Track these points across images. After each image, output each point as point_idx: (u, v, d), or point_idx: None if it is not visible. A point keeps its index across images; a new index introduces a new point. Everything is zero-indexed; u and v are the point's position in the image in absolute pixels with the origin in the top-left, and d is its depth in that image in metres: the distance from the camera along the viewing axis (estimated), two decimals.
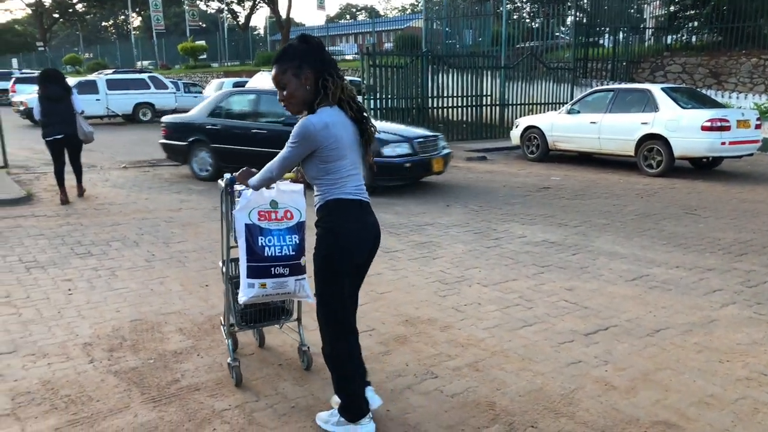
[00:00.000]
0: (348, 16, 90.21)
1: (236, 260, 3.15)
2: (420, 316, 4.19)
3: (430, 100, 15.26)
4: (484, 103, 16.10)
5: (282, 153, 2.57)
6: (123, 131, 18.48)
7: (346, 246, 2.56)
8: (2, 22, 68.72)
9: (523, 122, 12.62)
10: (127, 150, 14.08)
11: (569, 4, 21.22)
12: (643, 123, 10.26)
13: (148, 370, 3.37)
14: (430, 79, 15.22)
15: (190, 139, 9.75)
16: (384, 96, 14.29)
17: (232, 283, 3.27)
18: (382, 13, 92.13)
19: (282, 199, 3.03)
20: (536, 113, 16.80)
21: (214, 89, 21.39)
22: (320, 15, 49.02)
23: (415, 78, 14.92)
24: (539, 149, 12.07)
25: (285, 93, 2.53)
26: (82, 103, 8.50)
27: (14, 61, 51.58)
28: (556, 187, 9.34)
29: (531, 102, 16.94)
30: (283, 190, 3.05)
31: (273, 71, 2.56)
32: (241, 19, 46.65)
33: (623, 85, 12.03)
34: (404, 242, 6.12)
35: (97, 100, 20.62)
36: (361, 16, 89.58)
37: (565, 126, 11.56)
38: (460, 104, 15.71)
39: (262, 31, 60.84)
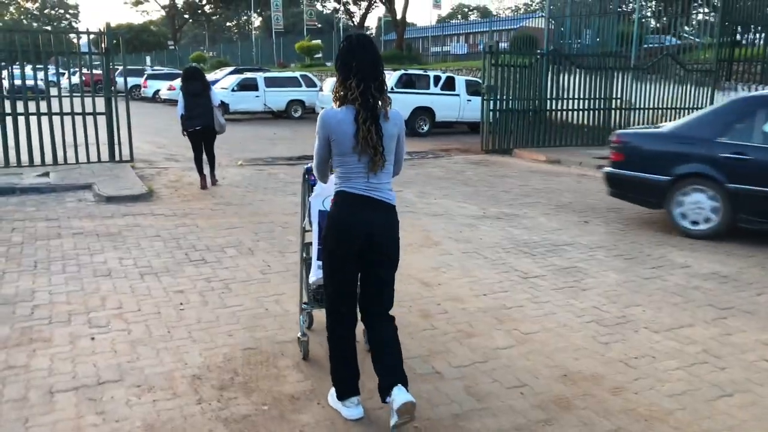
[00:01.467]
0: (460, 16, 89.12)
1: (310, 243, 3.43)
2: (581, 370, 3.43)
3: (552, 102, 14.21)
4: (612, 106, 14.80)
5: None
6: (237, 126, 18.78)
7: (335, 232, 2.77)
8: (139, 22, 73.46)
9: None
10: (243, 146, 14.12)
11: (700, 1, 19.24)
12: None
13: (262, 421, 2.87)
14: (551, 80, 14.17)
15: (680, 172, 6.45)
16: (504, 97, 13.43)
17: (306, 263, 3.52)
18: (494, 12, 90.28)
19: None
20: (670, 119, 15.28)
21: (329, 88, 21.35)
22: (434, 14, 48.41)
23: (537, 79, 13.94)
24: None
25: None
26: (244, 99, 9.20)
27: (147, 59, 54.91)
28: None
29: (664, 107, 15.40)
30: None
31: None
32: (357, 19, 46.90)
33: None
34: (543, 266, 5.35)
35: (256, 96, 21.42)
36: (473, 16, 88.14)
37: None
38: (584, 107, 14.52)
39: (374, 31, 61.11)
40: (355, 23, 45.88)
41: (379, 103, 2.66)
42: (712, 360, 3.58)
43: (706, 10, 17.94)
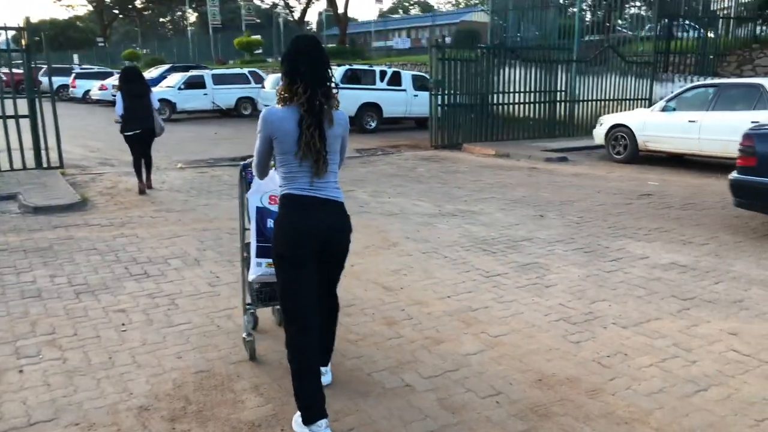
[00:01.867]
0: (401, 11, 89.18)
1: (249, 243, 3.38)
2: (555, 372, 3.28)
3: (498, 96, 14.22)
4: (557, 99, 14.95)
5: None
6: (176, 126, 18.08)
7: (284, 238, 2.66)
8: (64, 18, 70.33)
9: (608, 120, 11.49)
10: (182, 148, 13.56)
11: None
12: (753, 122, 9.01)
13: None
14: (496, 73, 14.17)
15: None
16: (452, 91, 13.34)
17: (246, 262, 3.46)
18: (435, 7, 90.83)
19: None
20: (611, 111, 15.56)
21: (271, 85, 20.85)
22: (375, 8, 48.25)
23: (483, 73, 13.91)
24: (627, 150, 10.92)
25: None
26: (192, 98, 8.67)
27: (75, 57, 52.62)
28: (658, 193, 8.24)
29: (605, 98, 15.67)
30: None
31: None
32: (297, 14, 46.18)
33: (728, 80, 10.76)
34: (504, 263, 5.21)
35: (204, 94, 20.88)
36: (414, 11, 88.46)
37: (658, 125, 10.39)
38: (529, 100, 14.60)
39: (315, 26, 60.59)
40: (295, 18, 45.17)
41: (325, 107, 2.61)
42: (682, 354, 3.49)
43: (639, 4, 18.34)
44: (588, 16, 22.56)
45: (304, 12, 43.16)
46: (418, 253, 5.53)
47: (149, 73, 27.99)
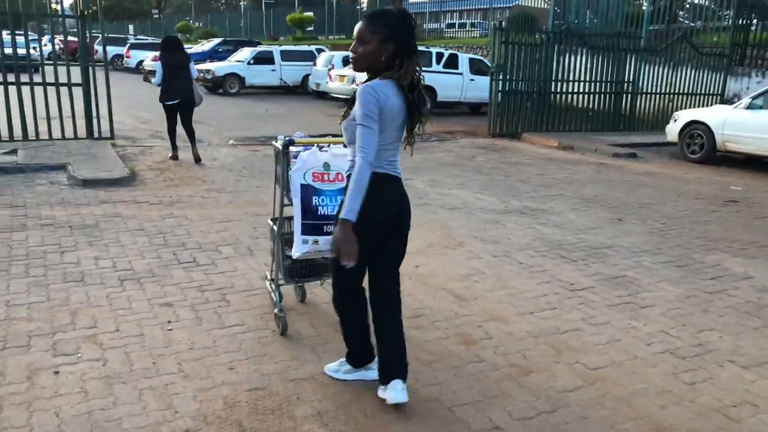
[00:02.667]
0: None
1: (289, 219, 3.42)
2: (674, 424, 2.75)
3: (561, 84, 13.44)
4: (624, 90, 14.07)
5: (360, 142, 2.46)
6: (227, 101, 17.83)
7: (378, 217, 2.60)
8: None
9: (683, 116, 10.66)
10: (234, 123, 13.26)
11: None
12: None
13: None
14: (561, 60, 13.36)
15: None
16: (514, 77, 12.65)
17: (283, 239, 3.46)
18: None
19: (334, 162, 3.22)
20: (680, 105, 14.61)
21: (323, 63, 20.41)
22: None
23: (547, 59, 13.14)
24: (703, 149, 10.11)
25: (361, 49, 2.54)
26: (260, 73, 10.46)
27: (130, 27, 53.15)
28: (745, 201, 7.50)
29: (674, 92, 14.71)
30: (335, 154, 3.26)
31: (361, 24, 2.55)
32: None
33: None
34: (587, 274, 4.66)
35: (272, 70, 20.89)
36: None
37: (742, 123, 9.55)
38: (594, 90, 13.75)
39: (365, 4, 59.52)
40: None
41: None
42: None
43: None
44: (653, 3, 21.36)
45: None
46: (488, 256, 5.01)
47: (201, 46, 27.92)
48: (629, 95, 14.21)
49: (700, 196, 7.67)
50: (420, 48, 11.61)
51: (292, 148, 3.32)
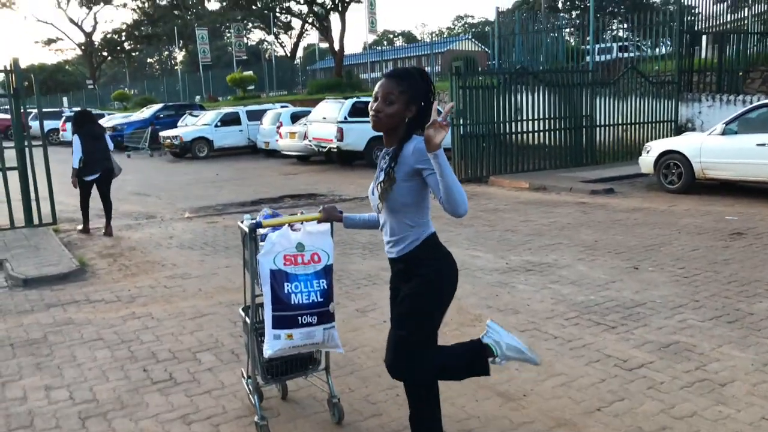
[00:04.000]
0: (385, 42, 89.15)
1: (261, 306, 3.03)
2: None
3: (521, 123, 13.16)
4: (583, 124, 13.91)
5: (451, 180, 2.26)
6: (176, 168, 16.92)
7: (455, 280, 2.58)
8: (53, 62, 69.40)
9: (656, 146, 10.43)
10: (185, 193, 12.40)
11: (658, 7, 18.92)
12: None
13: None
14: (515, 100, 13.12)
15: None
16: (472, 121, 12.30)
17: (257, 333, 3.08)
18: (419, 38, 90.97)
19: (309, 241, 2.89)
20: (635, 135, 14.54)
21: (270, 122, 19.83)
22: (359, 42, 47.71)
23: (504, 99, 12.84)
24: (682, 179, 9.84)
25: (387, 109, 2.42)
26: (228, 135, 9.88)
27: (65, 100, 51.63)
28: (749, 232, 7.11)
29: (628, 122, 14.65)
30: (309, 232, 2.92)
31: (388, 83, 2.45)
32: (288, 48, 45.51)
33: None
34: (636, 344, 4.03)
35: (240, 131, 20.78)
36: (398, 42, 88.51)
37: (719, 150, 9.34)
38: (553, 127, 13.52)
39: (299, 61, 59.84)
40: (287, 53, 44.49)
41: None
42: None
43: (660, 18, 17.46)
44: (608, 35, 21.77)
45: (295, 46, 42.45)
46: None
47: (141, 114, 26.98)
48: (587, 129, 14.06)
49: (701, 230, 7.26)
50: (369, 99, 11.13)
51: (259, 230, 2.92)
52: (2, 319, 5.07)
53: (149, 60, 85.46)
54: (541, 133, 13.50)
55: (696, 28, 17.28)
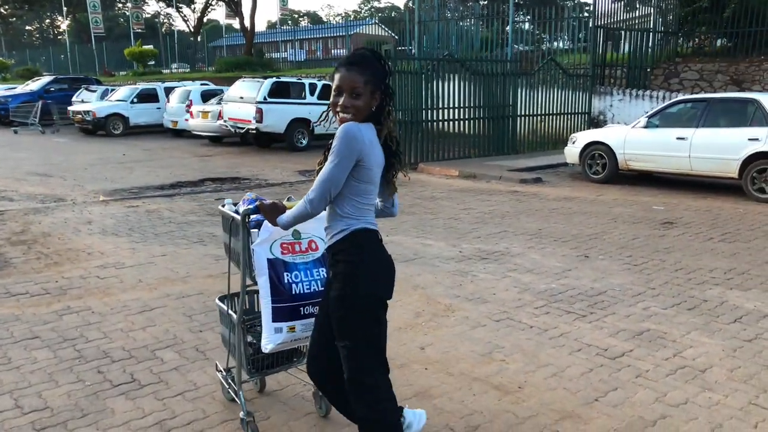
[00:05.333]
0: (290, 22, 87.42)
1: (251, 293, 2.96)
2: None
3: (442, 111, 13.21)
4: (505, 114, 14.21)
5: (322, 175, 2.26)
6: (75, 147, 15.64)
7: (384, 278, 2.41)
8: None
9: (582, 138, 10.81)
10: (93, 174, 11.47)
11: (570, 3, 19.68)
12: (750, 139, 8.60)
13: None
14: (441, 88, 13.17)
15: None
16: (401, 107, 12.22)
17: (245, 326, 2.89)
18: (324, 19, 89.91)
19: (305, 228, 2.71)
20: (551, 125, 15.08)
21: (178, 99, 18.81)
22: (264, 20, 46.25)
23: (429, 86, 12.84)
24: (606, 169, 10.26)
25: (356, 103, 2.29)
26: (144, 112, 9.46)
27: None
28: (678, 221, 7.48)
29: (545, 113, 15.16)
30: None
31: (351, 74, 2.29)
32: (192, 23, 43.41)
33: (718, 95, 10.36)
34: (611, 332, 4.08)
35: (158, 108, 19.57)
36: (304, 22, 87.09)
37: (642, 142, 9.79)
38: (476, 115, 13.71)
39: (203, 36, 57.56)
40: (190, 28, 42.44)
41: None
42: None
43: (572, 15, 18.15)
44: (526, 26, 22.32)
45: (200, 21, 40.53)
46: (490, 321, 4.28)
47: (26, 86, 24.78)
48: (509, 119, 14.37)
49: (635, 219, 7.56)
50: (293, 80, 10.91)
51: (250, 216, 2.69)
52: None
53: (27, 28, 78.75)
54: (466, 122, 13.64)
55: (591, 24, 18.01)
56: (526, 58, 18.75)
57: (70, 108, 20.22)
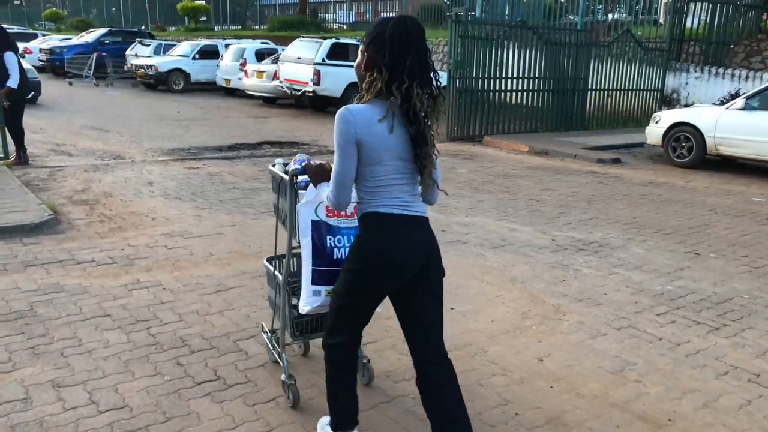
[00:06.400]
0: None
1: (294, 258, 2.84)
2: None
3: (512, 81, 12.40)
4: (578, 87, 13.35)
5: (333, 172, 2.17)
6: (129, 101, 15.41)
7: (374, 271, 2.21)
8: None
9: (666, 117, 9.98)
10: (149, 131, 11.18)
11: None
12: None
13: None
14: (514, 57, 12.33)
15: None
16: (472, 75, 11.54)
17: (290, 288, 2.82)
18: None
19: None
20: (621, 102, 14.16)
21: (232, 57, 18.38)
22: None
23: (500, 55, 12.04)
24: (693, 153, 9.46)
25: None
26: (205, 69, 10.96)
27: None
28: None
29: (615, 88, 14.20)
30: None
31: None
32: None
33: None
34: (758, 354, 3.51)
35: (218, 66, 18.91)
36: None
37: (737, 125, 8.95)
38: (548, 87, 12.90)
39: None
40: None
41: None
42: None
43: None
44: None
45: None
46: (610, 330, 3.75)
47: (80, 38, 24.67)
48: (579, 93, 13.52)
49: (736, 212, 6.85)
50: (352, 41, 10.25)
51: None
52: None
53: None
54: (534, 93, 12.85)
55: None
56: (594, 28, 17.70)
57: (132, 62, 20.10)
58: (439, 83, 2.13)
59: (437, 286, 2.28)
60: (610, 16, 18.10)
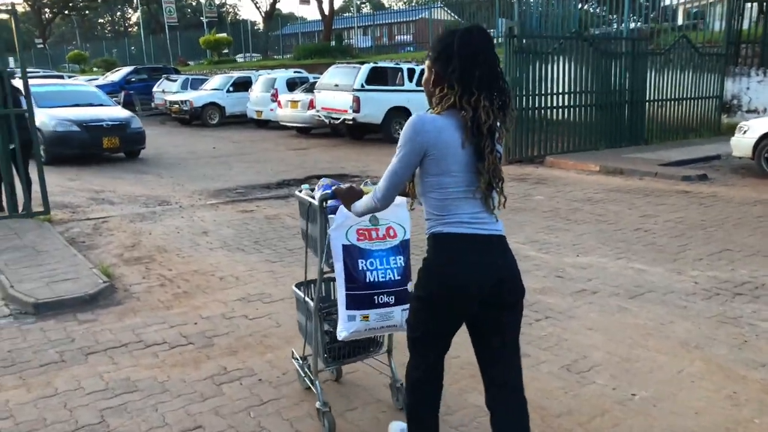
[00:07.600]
0: (352, 9, 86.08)
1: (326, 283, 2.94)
2: None
3: (574, 96, 11.53)
4: (638, 99, 12.43)
5: (388, 168, 2.12)
6: (160, 138, 14.83)
7: (437, 297, 2.13)
8: None
9: (756, 127, 9.07)
10: (189, 171, 10.52)
11: None
12: None
13: None
14: (571, 70, 11.48)
15: None
16: (528, 92, 10.74)
17: (322, 314, 2.84)
18: (386, 5, 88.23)
19: (383, 214, 2.63)
20: (677, 112, 13.19)
21: (262, 88, 17.84)
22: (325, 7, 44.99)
23: (556, 69, 11.22)
24: None
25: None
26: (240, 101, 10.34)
27: (11, 60, 47.70)
28: None
29: (671, 98, 13.25)
30: None
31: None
32: (264, 9, 42.63)
33: None
34: None
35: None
36: (366, 9, 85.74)
37: None
38: (602, 102, 11.94)
39: (261, 25, 56.92)
40: (263, 15, 41.72)
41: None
42: None
43: None
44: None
45: (272, 6, 39.72)
46: None
47: (105, 78, 24.47)
48: (637, 104, 12.60)
49: None
50: (389, 65, 9.66)
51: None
52: (22, 381, 3.32)
53: (99, 21, 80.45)
54: (589, 108, 11.96)
55: None
56: (641, 35, 16.85)
57: (165, 98, 19.75)
58: (509, 93, 2.05)
59: (511, 311, 2.16)
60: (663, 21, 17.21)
